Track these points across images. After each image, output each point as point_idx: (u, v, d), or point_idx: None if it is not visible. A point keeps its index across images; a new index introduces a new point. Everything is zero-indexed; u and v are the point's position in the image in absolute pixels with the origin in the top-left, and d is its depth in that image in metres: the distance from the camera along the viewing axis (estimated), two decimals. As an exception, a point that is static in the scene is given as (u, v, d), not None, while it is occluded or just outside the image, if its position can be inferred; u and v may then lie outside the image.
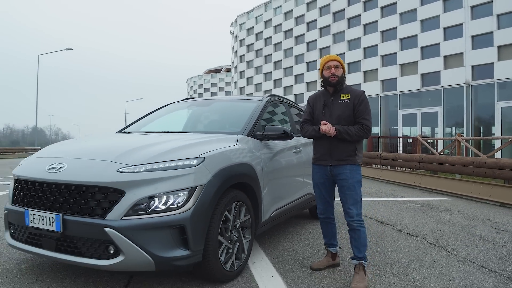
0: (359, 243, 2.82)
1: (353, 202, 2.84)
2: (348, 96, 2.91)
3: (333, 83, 2.91)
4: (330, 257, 3.14)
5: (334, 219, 3.12)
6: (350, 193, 2.84)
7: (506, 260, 3.43)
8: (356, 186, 2.86)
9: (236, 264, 2.81)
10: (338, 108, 2.89)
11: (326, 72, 2.94)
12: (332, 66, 2.92)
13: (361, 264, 2.79)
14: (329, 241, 3.14)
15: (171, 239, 2.33)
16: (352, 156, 2.87)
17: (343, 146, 2.86)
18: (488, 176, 7.75)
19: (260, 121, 3.53)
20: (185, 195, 2.40)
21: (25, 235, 2.63)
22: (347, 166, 2.86)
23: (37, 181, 2.55)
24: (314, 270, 3.04)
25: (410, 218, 5.30)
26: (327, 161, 2.91)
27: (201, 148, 2.69)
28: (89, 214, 2.34)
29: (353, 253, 2.85)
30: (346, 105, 2.88)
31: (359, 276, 2.74)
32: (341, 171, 2.87)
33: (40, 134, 52.26)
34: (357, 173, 2.89)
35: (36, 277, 2.78)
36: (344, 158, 2.86)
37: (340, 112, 2.88)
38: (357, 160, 2.89)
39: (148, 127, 3.96)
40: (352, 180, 2.84)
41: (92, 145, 3.06)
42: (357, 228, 2.82)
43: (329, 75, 2.92)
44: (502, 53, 22.31)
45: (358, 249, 2.82)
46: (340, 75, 2.92)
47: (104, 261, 2.32)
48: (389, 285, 2.77)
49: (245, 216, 2.93)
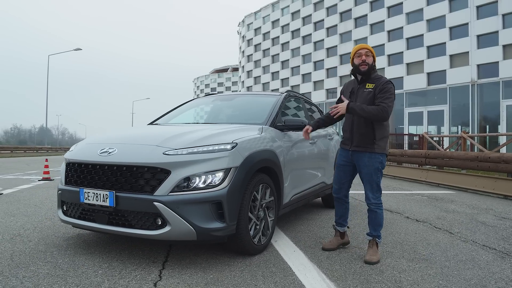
0: (375, 223, 3.12)
1: (370, 187, 3.09)
2: (373, 86, 3.02)
3: (363, 71, 3.04)
4: (339, 236, 3.38)
5: (348, 201, 3.40)
6: (368, 179, 3.09)
7: (505, 241, 3.75)
8: (373, 174, 3.05)
9: (262, 239, 3.16)
10: (362, 96, 3.05)
11: (356, 59, 3.06)
12: (363, 54, 3.04)
13: (374, 240, 3.11)
14: (338, 220, 3.38)
15: (210, 212, 2.68)
16: (370, 145, 3.02)
17: (363, 133, 3.04)
18: (492, 170, 8.03)
19: (280, 113, 3.88)
20: (221, 175, 2.75)
21: (78, 211, 3.00)
22: (366, 154, 3.05)
23: (90, 164, 2.92)
24: (325, 250, 3.27)
25: (417, 208, 5.62)
26: (348, 146, 3.17)
27: (233, 135, 3.04)
28: (139, 191, 2.70)
29: (369, 230, 3.16)
30: (368, 93, 3.02)
31: (373, 250, 3.06)
32: (361, 158, 3.08)
33: (47, 133, 52.91)
34: (376, 161, 3.03)
35: (85, 250, 3.15)
36: (362, 145, 3.05)
37: (363, 100, 3.02)
38: (375, 149, 3.01)
39: (176, 119, 4.32)
40: (370, 168, 3.04)
41: (135, 132, 3.44)
42: (374, 210, 3.11)
43: (359, 63, 3.04)
44: (507, 52, 22.48)
45: (374, 227, 3.12)
46: (370, 63, 3.03)
47: (152, 231, 2.68)
48: (399, 258, 3.10)
49: (269, 197, 3.28)
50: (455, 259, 3.10)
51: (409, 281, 2.59)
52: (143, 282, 2.47)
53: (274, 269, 2.76)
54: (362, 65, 3.04)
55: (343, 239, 3.40)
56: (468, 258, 3.14)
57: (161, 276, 2.57)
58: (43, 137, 47.52)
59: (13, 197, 6.10)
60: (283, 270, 2.74)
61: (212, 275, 2.62)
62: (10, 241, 3.39)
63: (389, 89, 3.00)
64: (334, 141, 5.31)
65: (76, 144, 3.45)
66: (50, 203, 5.47)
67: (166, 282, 2.48)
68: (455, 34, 25.39)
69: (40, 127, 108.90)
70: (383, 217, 3.15)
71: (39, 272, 2.61)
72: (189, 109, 4.57)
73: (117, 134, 3.40)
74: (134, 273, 2.63)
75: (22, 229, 3.84)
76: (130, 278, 2.53)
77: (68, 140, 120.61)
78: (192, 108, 4.62)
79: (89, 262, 2.85)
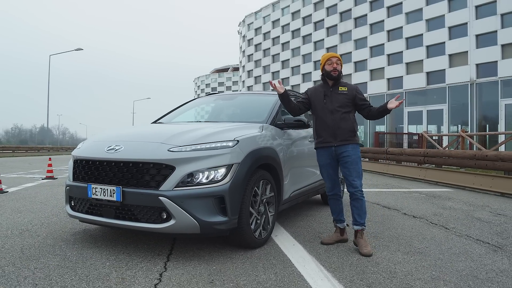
0: (361, 211, 3.29)
1: (357, 174, 3.31)
2: (346, 89, 3.41)
3: (335, 76, 3.37)
4: (339, 232, 3.52)
5: (342, 197, 3.55)
6: (354, 167, 3.31)
7: (499, 235, 3.86)
8: (358, 161, 3.34)
9: (263, 234, 3.28)
10: (337, 98, 3.38)
11: (328, 66, 3.40)
12: (334, 62, 3.38)
13: (362, 230, 3.27)
14: (337, 217, 3.52)
15: (213, 207, 2.80)
16: (353, 137, 3.37)
17: (345, 127, 3.34)
18: (489, 168, 8.14)
19: (280, 112, 4.00)
20: (224, 171, 2.87)
21: (86, 206, 3.12)
22: (349, 145, 3.34)
23: (97, 160, 3.04)
24: (324, 244, 3.41)
25: (414, 205, 5.74)
26: (332, 143, 3.36)
27: (235, 133, 3.16)
28: (145, 186, 2.81)
29: (355, 219, 3.30)
30: (345, 95, 3.39)
31: (363, 241, 3.20)
32: (345, 149, 3.33)
33: (48, 133, 53.06)
34: (357, 150, 3.38)
35: (92, 244, 3.27)
36: (347, 138, 3.34)
37: (340, 101, 3.37)
38: (356, 140, 3.39)
39: (178, 118, 4.44)
40: (354, 156, 3.33)
41: (140, 130, 3.56)
42: (360, 198, 3.28)
43: (331, 69, 3.37)
44: (506, 51, 22.59)
45: (360, 215, 3.28)
46: (339, 70, 3.40)
47: (157, 225, 2.79)
48: (395, 252, 3.22)
49: (270, 193, 3.39)
50: (448, 252, 3.22)
51: (403, 272, 2.70)
52: (149, 273, 2.58)
53: (274, 261, 2.87)
54: (334, 71, 3.38)
55: (342, 236, 3.52)
56: (462, 251, 3.25)
57: (166, 268, 2.69)
58: (44, 137, 47.81)
59: (18, 194, 6.22)
60: (283, 262, 2.86)
61: (215, 266, 2.74)
62: (19, 236, 3.51)
63: (361, 92, 3.53)
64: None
65: (83, 141, 3.57)
66: (55, 201, 5.59)
67: (171, 273, 2.59)
68: (454, 33, 25.51)
69: (41, 127, 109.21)
70: (365, 204, 3.36)
71: (49, 264, 2.73)
72: (191, 108, 4.69)
73: (123, 132, 3.52)
74: (140, 264, 2.75)
75: (30, 225, 3.96)
76: (137, 269, 2.65)
77: (69, 140, 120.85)
78: (194, 107, 4.74)
79: (97, 255, 2.96)
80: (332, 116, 3.36)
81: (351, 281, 2.51)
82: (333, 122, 3.35)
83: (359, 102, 3.43)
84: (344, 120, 3.35)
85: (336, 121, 3.34)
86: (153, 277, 2.50)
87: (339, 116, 3.34)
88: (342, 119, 3.35)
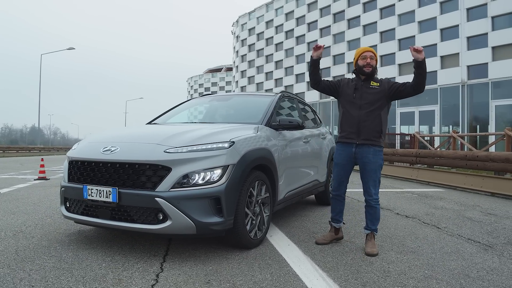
0: (374, 217, 3.30)
1: (373, 183, 3.28)
2: (378, 84, 3.26)
3: (368, 72, 3.25)
4: (333, 232, 3.53)
5: (344, 198, 3.54)
6: (371, 176, 3.27)
7: (490, 235, 3.94)
8: (377, 170, 3.27)
9: (258, 234, 3.30)
10: (368, 93, 3.26)
11: (361, 61, 3.27)
12: (368, 56, 3.25)
13: (372, 234, 3.30)
14: (335, 216, 3.53)
15: (209, 207, 2.82)
16: (377, 138, 3.24)
17: (371, 126, 3.23)
18: (480, 169, 8.26)
19: (275, 113, 4.03)
20: (220, 172, 2.89)
21: (81, 208, 3.12)
22: (370, 149, 3.24)
23: (93, 161, 3.04)
24: (319, 244, 3.40)
25: (407, 205, 5.81)
26: (354, 140, 3.28)
27: (230, 134, 3.18)
28: (141, 187, 2.82)
29: (367, 225, 3.33)
30: (377, 91, 3.25)
31: (371, 243, 3.24)
32: (365, 154, 3.25)
33: (39, 133, 52.56)
34: (379, 157, 3.27)
35: (87, 245, 3.27)
36: (371, 138, 3.23)
37: (370, 97, 3.24)
38: (380, 142, 3.27)
39: (174, 119, 4.45)
40: (374, 165, 3.25)
41: (136, 131, 3.57)
42: (374, 206, 3.29)
43: (364, 64, 3.25)
44: (496, 53, 22.92)
45: (372, 222, 3.30)
46: (374, 65, 3.26)
47: (154, 225, 2.80)
48: (388, 251, 3.27)
49: (265, 194, 3.42)
50: (441, 251, 3.27)
51: (396, 271, 2.75)
52: (145, 273, 2.59)
53: (270, 261, 2.90)
54: (367, 67, 3.25)
55: (337, 235, 3.54)
56: (453, 250, 3.31)
57: (163, 268, 2.70)
58: (35, 137, 47.29)
59: (11, 195, 6.17)
60: (278, 262, 2.89)
61: (211, 267, 2.76)
62: (13, 237, 3.49)
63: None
64: (327, 140, 5.48)
65: (78, 142, 3.56)
66: (48, 202, 5.55)
67: (168, 273, 2.61)
68: (446, 35, 25.81)
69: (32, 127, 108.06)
70: (380, 211, 3.35)
71: (45, 266, 2.73)
72: (186, 109, 4.70)
73: (118, 133, 3.52)
74: (136, 265, 2.75)
75: (23, 226, 3.94)
76: (133, 270, 2.66)
77: (60, 140, 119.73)
78: (189, 108, 4.75)
79: (92, 256, 2.96)
80: (359, 111, 3.26)
81: (346, 280, 2.54)
82: (359, 118, 3.24)
83: (395, 88, 3.22)
84: (371, 118, 3.23)
85: (362, 118, 3.24)
86: (149, 278, 2.51)
87: (367, 113, 3.23)
88: (369, 116, 3.23)
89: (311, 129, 5.03)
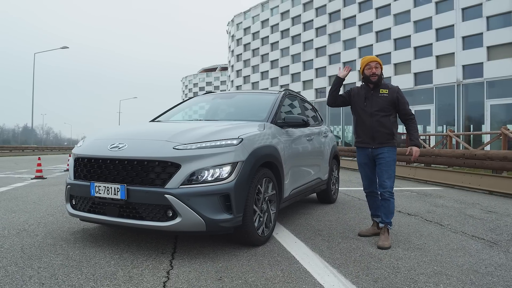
0: (387, 210, 3.41)
1: (388, 176, 3.42)
2: (386, 91, 3.47)
3: (374, 81, 3.46)
4: (375, 226, 3.69)
5: (378, 194, 3.61)
6: (387, 169, 3.43)
7: (493, 232, 3.97)
8: (392, 164, 3.46)
9: (265, 231, 3.30)
10: (377, 101, 3.47)
11: (367, 71, 3.48)
12: (373, 66, 3.45)
13: (386, 227, 3.38)
14: (374, 212, 3.70)
15: (219, 204, 2.81)
16: (390, 140, 3.48)
17: (383, 131, 3.45)
18: (477, 167, 8.33)
19: (280, 110, 4.02)
20: (229, 168, 2.88)
21: (88, 205, 3.09)
22: (385, 148, 3.46)
23: (101, 158, 3.01)
24: (361, 236, 3.59)
25: (407, 203, 5.84)
26: (370, 144, 3.51)
27: (238, 131, 3.18)
28: (150, 184, 2.80)
29: (381, 218, 3.44)
30: (385, 98, 3.47)
31: (384, 237, 3.33)
32: (381, 151, 3.47)
33: (32, 133, 52.11)
34: (393, 153, 3.48)
35: (93, 243, 3.24)
36: (384, 141, 3.47)
37: (380, 104, 3.46)
38: (394, 143, 3.49)
39: (177, 117, 4.43)
40: (389, 159, 3.45)
41: (142, 128, 3.54)
42: (388, 199, 3.41)
43: (370, 74, 3.45)
44: (491, 53, 23.13)
45: (386, 215, 3.41)
46: (379, 73, 3.46)
47: (163, 223, 2.79)
48: (395, 248, 3.28)
49: (272, 191, 3.42)
50: (447, 248, 3.30)
51: (406, 267, 2.76)
52: (155, 271, 2.58)
53: (279, 258, 2.90)
54: (373, 76, 3.46)
55: (379, 229, 3.62)
56: (459, 247, 3.33)
57: (172, 265, 2.69)
58: (28, 137, 46.82)
59: (9, 194, 6.11)
60: (288, 259, 2.89)
61: (221, 264, 2.75)
62: (17, 236, 3.45)
63: (403, 95, 3.55)
64: (328, 139, 5.49)
65: (83, 139, 3.53)
66: (48, 200, 5.51)
67: (178, 270, 2.60)
68: (441, 35, 25.99)
69: (24, 127, 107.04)
70: (394, 206, 3.46)
71: (53, 263, 2.70)
72: (189, 107, 4.68)
73: (124, 130, 3.49)
74: (145, 263, 2.74)
75: (26, 224, 3.90)
76: (143, 267, 2.64)
77: (53, 140, 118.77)
78: (192, 106, 4.73)
79: (100, 254, 2.94)
80: (371, 119, 3.47)
81: (357, 277, 2.55)
82: (372, 125, 3.46)
83: (401, 106, 3.49)
84: (383, 123, 3.45)
85: (374, 124, 3.45)
86: (160, 275, 2.50)
87: (378, 119, 3.45)
88: (381, 122, 3.45)
89: (313, 127, 5.03)
